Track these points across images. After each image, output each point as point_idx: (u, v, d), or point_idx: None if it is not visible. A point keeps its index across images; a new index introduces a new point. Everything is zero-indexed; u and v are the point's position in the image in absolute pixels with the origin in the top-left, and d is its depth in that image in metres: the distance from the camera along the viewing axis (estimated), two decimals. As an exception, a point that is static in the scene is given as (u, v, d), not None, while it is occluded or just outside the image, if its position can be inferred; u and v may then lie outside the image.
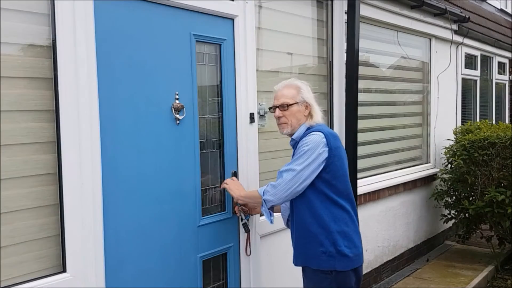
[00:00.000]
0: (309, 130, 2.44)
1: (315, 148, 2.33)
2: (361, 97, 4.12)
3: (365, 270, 4.45)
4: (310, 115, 2.51)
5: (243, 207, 2.81)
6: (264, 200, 2.43)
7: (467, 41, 6.37)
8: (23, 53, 2.01)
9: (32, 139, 2.02)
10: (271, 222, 2.53)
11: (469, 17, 5.96)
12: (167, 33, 2.57)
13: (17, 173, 1.98)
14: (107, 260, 2.26)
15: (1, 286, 1.93)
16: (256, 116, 3.09)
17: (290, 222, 2.56)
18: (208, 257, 2.81)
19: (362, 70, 4.05)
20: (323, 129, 2.42)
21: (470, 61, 6.86)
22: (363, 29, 4.17)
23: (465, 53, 6.55)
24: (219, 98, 2.89)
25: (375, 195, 4.56)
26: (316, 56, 3.74)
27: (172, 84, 2.60)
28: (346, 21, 3.73)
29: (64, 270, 2.11)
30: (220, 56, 2.88)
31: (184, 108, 2.64)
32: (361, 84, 4.11)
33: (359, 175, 3.94)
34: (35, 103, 2.03)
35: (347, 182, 2.46)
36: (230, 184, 2.73)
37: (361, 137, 4.13)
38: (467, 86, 6.90)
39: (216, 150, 2.90)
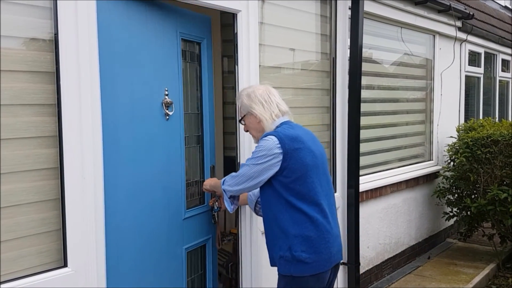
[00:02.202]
0: (265, 134, 2.38)
1: (265, 152, 2.27)
2: (364, 93, 4.10)
3: (366, 267, 4.45)
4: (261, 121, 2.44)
5: (217, 201, 2.89)
6: (223, 190, 2.49)
7: (471, 38, 6.34)
8: (25, 47, 1.99)
9: (34, 133, 2.01)
10: (230, 211, 2.56)
11: (473, 14, 5.93)
12: (159, 30, 2.59)
13: (19, 167, 1.97)
14: (108, 254, 2.26)
15: (2, 281, 1.93)
16: (258, 112, 3.07)
17: None
18: (190, 249, 2.87)
19: (365, 67, 4.03)
20: (279, 133, 2.31)
21: (473, 58, 6.83)
22: (367, 25, 4.15)
23: (469, 50, 6.52)
24: (199, 94, 2.94)
25: (377, 192, 4.55)
26: (319, 52, 3.72)
27: (163, 80, 2.62)
28: (350, 16, 3.70)
29: (65, 265, 2.10)
30: (200, 53, 2.92)
31: (173, 104, 2.66)
32: (364, 80, 4.09)
33: (361, 172, 3.93)
34: (37, 97, 2.02)
35: (311, 184, 2.31)
36: (205, 181, 2.82)
37: (363, 134, 4.11)
38: (470, 84, 6.87)
39: (196, 145, 2.95)
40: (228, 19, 2.97)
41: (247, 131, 2.58)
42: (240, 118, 2.55)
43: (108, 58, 2.27)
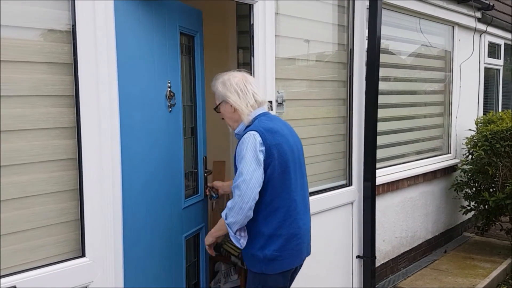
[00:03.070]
0: (246, 128, 2.30)
1: (252, 150, 2.18)
2: (381, 85, 4.04)
3: (381, 261, 4.43)
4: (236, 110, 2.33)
5: (213, 188, 2.90)
6: (227, 225, 2.24)
7: (490, 29, 6.21)
8: (43, 38, 2.00)
9: (52, 124, 2.03)
10: (241, 247, 2.31)
11: (493, 4, 5.81)
12: (163, 22, 2.60)
13: (37, 158, 1.99)
14: (125, 244, 2.28)
15: (20, 270, 1.95)
16: (274, 104, 3.05)
17: None
18: (188, 237, 2.91)
19: (382, 58, 3.97)
20: (258, 127, 2.25)
21: (493, 50, 6.70)
22: (384, 16, 4.08)
23: (489, 41, 6.39)
24: (193, 87, 2.96)
25: (393, 186, 4.51)
26: (336, 43, 3.68)
27: (166, 72, 2.63)
28: (368, 7, 3.65)
29: (83, 255, 2.12)
30: (193, 47, 2.94)
31: (175, 96, 2.68)
32: (381, 72, 4.03)
33: (377, 165, 3.89)
34: (55, 88, 2.03)
35: (288, 181, 2.27)
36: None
37: (380, 126, 4.07)
38: (489, 76, 6.75)
39: (190, 137, 2.99)
40: (244, 10, 2.95)
41: (222, 119, 2.47)
42: (214, 106, 2.44)
43: (122, 50, 2.26)
